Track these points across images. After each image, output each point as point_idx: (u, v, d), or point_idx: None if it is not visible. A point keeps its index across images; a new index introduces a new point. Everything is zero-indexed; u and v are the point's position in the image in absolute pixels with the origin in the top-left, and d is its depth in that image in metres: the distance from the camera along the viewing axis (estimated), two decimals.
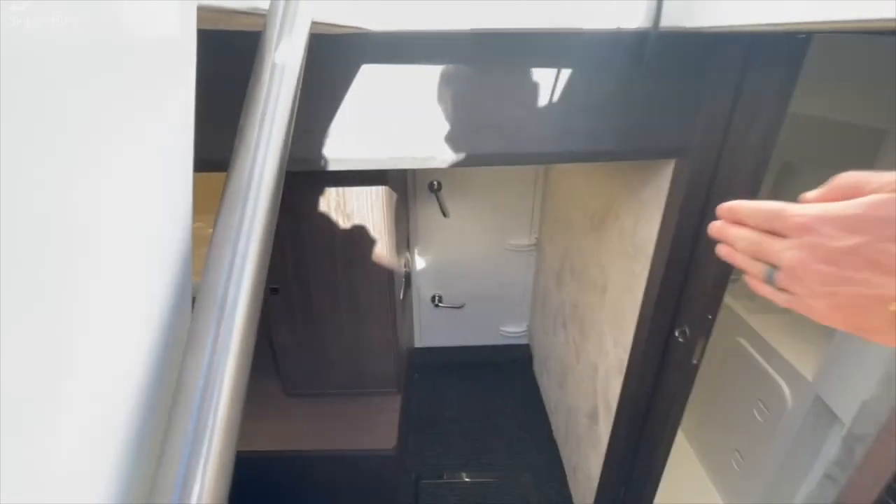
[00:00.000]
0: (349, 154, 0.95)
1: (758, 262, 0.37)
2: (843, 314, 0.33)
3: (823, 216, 0.32)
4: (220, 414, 0.29)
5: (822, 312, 0.34)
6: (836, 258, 0.31)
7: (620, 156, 1.03)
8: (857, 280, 0.31)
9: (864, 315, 0.32)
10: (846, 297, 0.32)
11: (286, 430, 1.60)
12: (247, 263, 0.33)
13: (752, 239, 0.37)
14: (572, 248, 1.86)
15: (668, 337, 1.23)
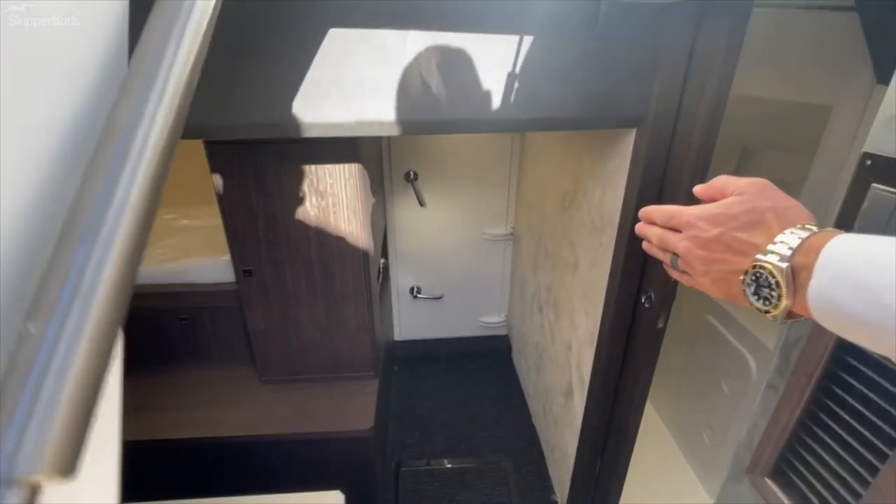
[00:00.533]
0: (316, 119, 0.96)
1: (667, 252, 0.48)
2: (717, 286, 0.43)
3: (699, 215, 0.43)
4: None
5: (707, 287, 0.44)
6: (707, 245, 0.42)
7: (584, 123, 1.07)
8: (720, 260, 0.41)
9: (729, 285, 0.42)
10: (717, 273, 0.42)
11: (261, 416, 1.58)
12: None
13: (659, 235, 0.47)
14: (546, 232, 1.90)
15: (635, 304, 1.27)
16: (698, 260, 0.42)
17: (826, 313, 0.34)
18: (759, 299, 0.38)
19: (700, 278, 0.44)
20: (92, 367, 0.26)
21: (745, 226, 0.39)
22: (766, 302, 0.37)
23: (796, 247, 0.35)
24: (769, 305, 0.37)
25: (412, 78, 0.96)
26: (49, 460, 0.23)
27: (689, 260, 0.44)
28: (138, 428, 1.51)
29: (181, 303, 1.66)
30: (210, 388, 1.70)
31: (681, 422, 2.06)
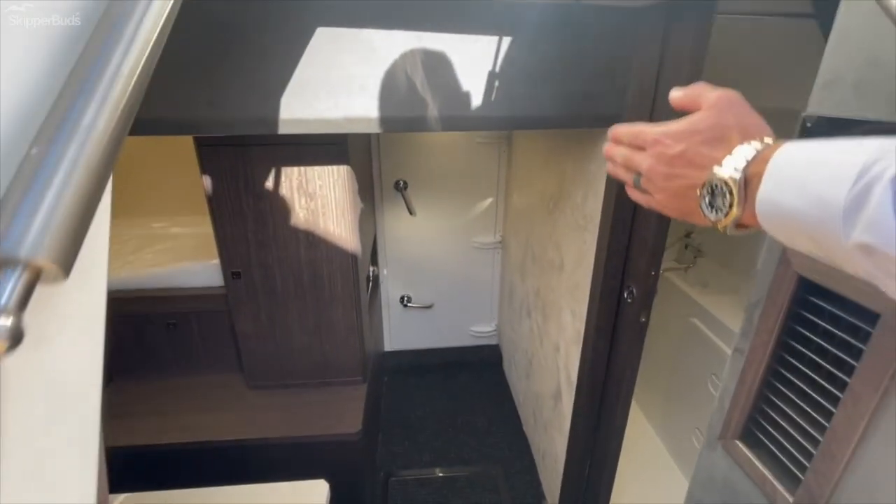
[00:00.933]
0: (305, 115, 1.00)
1: (630, 172, 0.49)
2: (674, 202, 0.45)
3: (665, 131, 0.43)
4: None
5: (663, 203, 0.46)
6: (671, 161, 0.43)
7: (561, 122, 1.11)
8: (681, 175, 0.42)
9: (684, 200, 0.43)
10: (675, 188, 0.43)
11: (248, 420, 1.56)
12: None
13: (625, 154, 0.48)
14: (533, 237, 1.94)
15: (618, 299, 1.29)
16: (660, 176, 0.44)
17: (771, 218, 0.35)
18: (712, 210, 0.40)
19: (658, 195, 0.45)
20: (89, 179, 0.29)
21: (709, 141, 0.40)
22: (717, 212, 0.39)
23: (751, 158, 0.37)
24: (720, 215, 0.39)
25: (398, 76, 1.00)
26: (51, 248, 0.26)
27: (651, 177, 0.45)
28: (122, 433, 1.48)
29: (168, 308, 1.65)
30: (196, 394, 1.68)
31: (669, 425, 2.06)
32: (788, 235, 0.35)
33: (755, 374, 0.56)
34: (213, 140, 1.32)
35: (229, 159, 1.35)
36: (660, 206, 0.47)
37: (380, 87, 1.00)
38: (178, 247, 1.85)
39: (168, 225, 2.13)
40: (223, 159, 1.35)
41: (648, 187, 0.46)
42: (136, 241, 1.94)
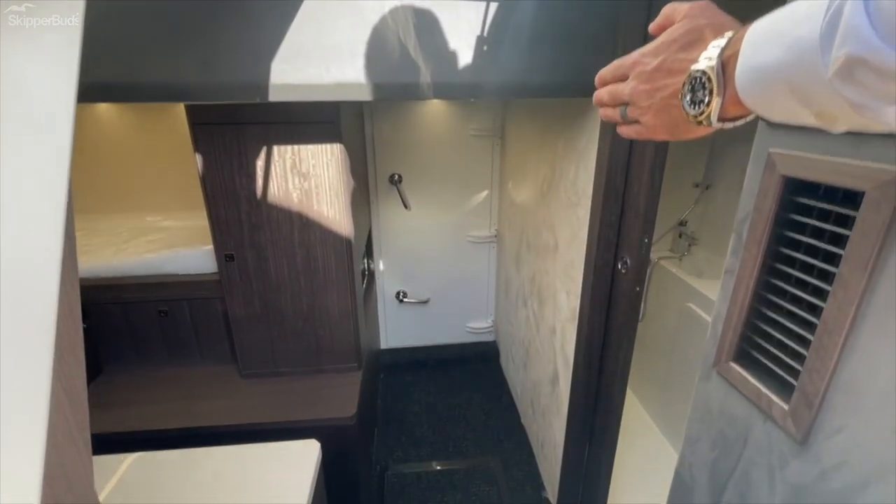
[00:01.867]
0: (296, 80, 1.01)
1: (618, 108, 0.49)
2: (661, 118, 0.44)
3: (643, 51, 0.45)
4: None
5: (651, 124, 0.45)
6: (651, 76, 0.43)
7: (551, 90, 1.13)
8: (662, 86, 0.43)
9: (670, 111, 0.43)
10: (659, 102, 0.43)
11: (240, 407, 1.54)
12: None
13: (610, 90, 0.49)
14: (528, 224, 1.94)
15: (612, 271, 1.29)
16: (643, 95, 0.44)
17: (751, 87, 0.34)
18: (693, 106, 0.40)
19: (645, 117, 0.45)
20: None
21: (685, 46, 0.41)
22: (698, 105, 0.39)
23: (724, 44, 0.37)
24: (702, 107, 0.38)
25: (390, 41, 1.01)
26: None
27: (636, 99, 0.45)
28: (108, 421, 1.45)
29: (160, 295, 1.64)
30: (188, 382, 1.65)
31: (668, 414, 2.04)
32: (770, 99, 0.34)
33: (746, 289, 0.56)
34: (207, 118, 1.33)
35: (223, 138, 1.36)
36: (650, 131, 0.47)
37: (372, 52, 1.01)
38: (171, 237, 1.85)
39: (162, 218, 2.13)
40: (216, 138, 1.35)
41: (635, 114, 0.46)
42: (130, 232, 1.93)
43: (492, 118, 2.28)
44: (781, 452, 0.52)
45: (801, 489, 0.50)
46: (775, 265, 0.53)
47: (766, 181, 0.52)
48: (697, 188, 2.24)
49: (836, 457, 0.45)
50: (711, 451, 0.64)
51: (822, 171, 0.46)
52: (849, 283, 0.43)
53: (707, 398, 0.65)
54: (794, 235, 0.51)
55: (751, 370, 0.57)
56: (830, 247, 0.46)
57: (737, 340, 0.58)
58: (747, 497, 0.57)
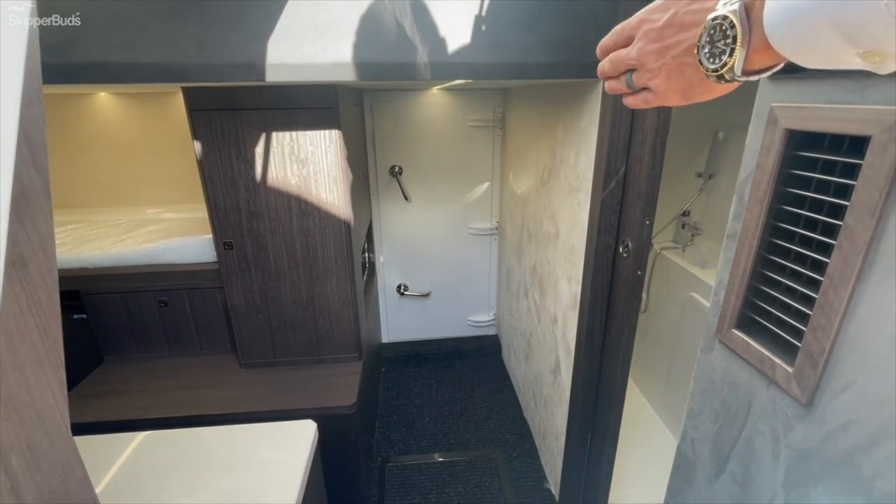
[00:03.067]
0: (293, 59, 1.00)
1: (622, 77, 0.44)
2: (673, 81, 0.40)
3: (650, 7, 0.40)
4: None
5: (662, 87, 0.41)
6: (661, 34, 0.39)
7: (551, 71, 1.11)
8: (674, 43, 0.38)
9: (684, 72, 0.39)
10: (671, 62, 0.39)
11: (241, 396, 1.53)
12: None
13: (612, 57, 0.44)
14: (529, 214, 1.93)
15: (614, 255, 1.27)
16: (652, 56, 0.40)
17: (787, 27, 0.31)
18: (712, 59, 0.35)
19: (655, 80, 0.41)
20: None
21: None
22: (719, 58, 0.35)
23: None
24: (725, 58, 0.34)
25: (386, 20, 1.00)
26: None
27: (644, 62, 0.40)
28: (108, 410, 1.45)
29: (159, 284, 1.63)
30: (188, 372, 1.64)
31: (671, 406, 2.01)
32: (807, 41, 0.30)
33: (749, 251, 0.54)
34: (205, 104, 1.33)
35: (220, 124, 1.35)
36: (660, 96, 0.42)
37: (368, 32, 1.00)
38: (170, 228, 1.84)
39: (161, 211, 2.13)
40: (214, 124, 1.35)
41: (642, 79, 0.42)
42: (130, 223, 1.93)
43: (492, 109, 2.27)
44: (786, 417, 0.50)
45: (806, 453, 0.48)
46: (778, 224, 0.52)
47: (769, 137, 0.50)
48: (700, 178, 2.22)
49: (843, 416, 0.44)
50: (714, 422, 0.63)
51: (826, 121, 0.44)
52: (855, 233, 0.41)
53: (709, 369, 0.63)
54: (797, 191, 0.49)
55: (754, 336, 0.55)
56: (835, 199, 0.45)
57: (739, 306, 0.57)
58: (750, 466, 0.56)
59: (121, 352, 1.70)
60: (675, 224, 2.32)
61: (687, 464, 0.70)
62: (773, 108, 0.49)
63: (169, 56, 0.97)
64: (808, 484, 0.48)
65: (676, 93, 0.41)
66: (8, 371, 0.26)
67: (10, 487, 0.26)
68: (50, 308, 0.30)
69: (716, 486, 0.62)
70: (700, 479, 0.66)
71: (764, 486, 0.54)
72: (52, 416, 0.29)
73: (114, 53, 0.95)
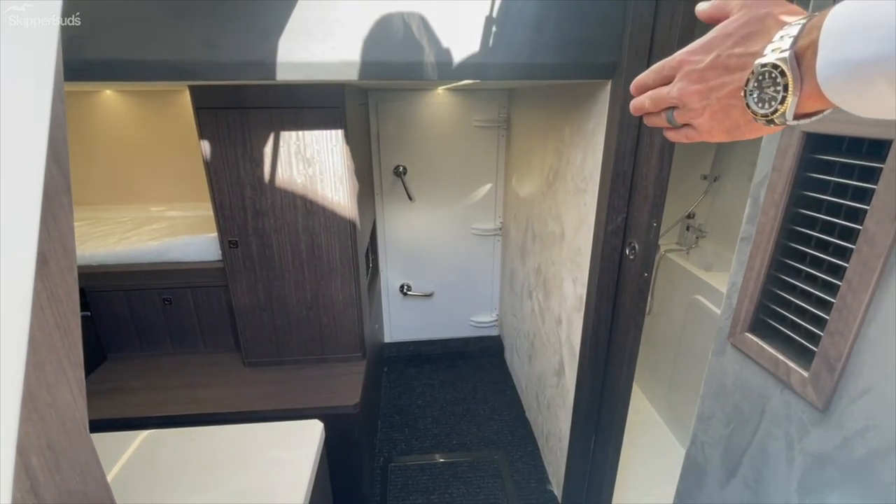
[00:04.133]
0: (301, 58, 0.99)
1: (663, 114, 0.44)
2: (717, 121, 0.40)
3: (691, 49, 0.40)
4: None
5: (707, 126, 0.41)
6: (703, 75, 0.39)
7: (559, 71, 1.11)
8: (718, 85, 0.38)
9: (729, 112, 0.39)
10: (716, 103, 0.39)
11: (245, 395, 1.53)
12: None
13: (652, 95, 0.44)
14: (533, 214, 1.93)
15: (620, 257, 1.27)
16: (695, 96, 0.40)
17: (838, 81, 0.30)
18: (762, 104, 0.35)
19: (699, 119, 0.41)
20: None
21: (743, 39, 0.37)
22: (769, 104, 0.34)
23: (797, 33, 0.32)
24: (775, 104, 0.34)
25: (394, 19, 1.00)
26: None
27: (686, 101, 0.40)
28: (112, 408, 1.45)
29: (164, 282, 1.63)
30: (192, 370, 1.64)
31: (675, 410, 2.01)
32: (862, 94, 0.30)
33: (763, 255, 0.54)
34: (212, 103, 1.32)
35: (227, 123, 1.35)
36: (704, 133, 0.42)
37: (376, 30, 1.00)
38: (174, 226, 1.84)
39: (166, 209, 2.13)
40: (221, 123, 1.35)
41: (685, 117, 0.42)
42: (134, 221, 1.93)
43: (496, 109, 2.26)
44: (801, 422, 0.50)
45: (821, 459, 0.48)
46: (794, 228, 0.51)
47: (786, 139, 0.50)
48: (705, 180, 2.21)
49: (861, 421, 0.44)
50: (726, 426, 0.62)
51: (845, 123, 0.44)
52: (875, 237, 0.41)
53: (721, 373, 0.63)
54: (814, 195, 0.49)
55: (768, 339, 0.55)
56: (854, 203, 0.45)
57: (753, 309, 0.56)
58: (763, 471, 0.55)
59: (124, 349, 1.70)
60: (679, 226, 2.32)
61: (697, 468, 0.70)
62: None
63: (177, 54, 0.97)
64: (823, 490, 0.47)
65: (721, 131, 0.41)
66: (29, 370, 0.26)
67: (29, 487, 0.26)
68: (70, 307, 0.30)
69: (727, 491, 0.62)
70: (711, 483, 0.65)
71: (777, 491, 0.53)
72: (71, 415, 0.29)
73: (122, 51, 0.95)
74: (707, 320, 1.80)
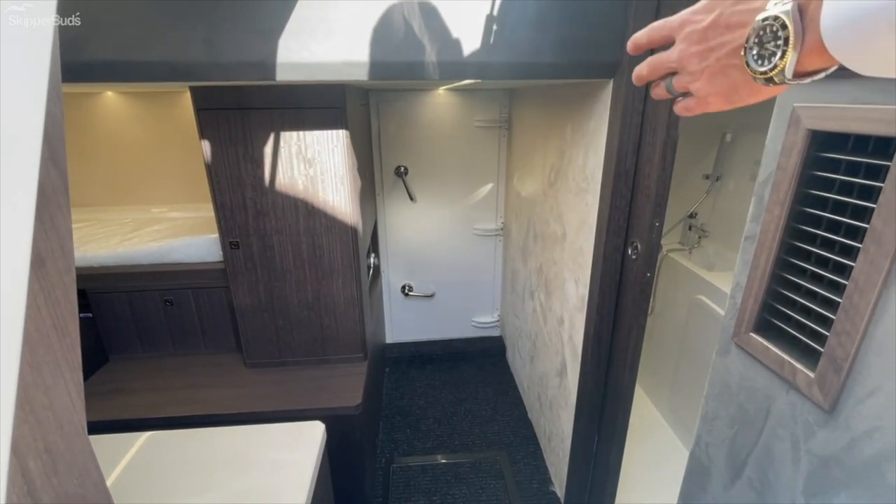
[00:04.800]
0: (302, 58, 0.99)
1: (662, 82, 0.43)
2: (715, 84, 0.39)
3: (692, 9, 0.39)
4: None
5: (704, 90, 0.39)
6: (704, 35, 0.38)
7: (560, 70, 1.11)
8: (718, 45, 0.37)
9: (728, 75, 0.37)
10: (714, 65, 0.38)
11: (246, 396, 1.52)
12: None
13: (650, 61, 0.43)
14: (535, 214, 1.92)
15: (622, 257, 1.26)
16: (695, 58, 0.38)
17: (845, 31, 0.29)
18: (761, 62, 0.34)
19: (697, 84, 0.39)
20: None
21: None
22: (769, 60, 0.33)
23: None
24: (775, 60, 0.33)
25: (395, 19, 1.00)
26: None
27: (685, 64, 0.39)
28: (113, 409, 1.45)
29: (165, 284, 1.63)
30: (193, 371, 1.64)
31: (678, 410, 2.00)
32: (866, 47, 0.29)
33: (768, 254, 0.53)
34: (212, 104, 1.32)
35: (228, 124, 1.35)
36: (701, 101, 0.40)
37: (377, 30, 1.00)
38: (175, 227, 1.84)
39: (167, 210, 2.13)
40: (222, 124, 1.35)
41: (683, 82, 0.40)
42: (135, 223, 1.93)
43: (498, 109, 2.26)
44: (807, 423, 0.49)
45: (828, 460, 0.47)
46: (799, 226, 0.51)
47: (791, 137, 0.50)
48: (707, 180, 2.21)
49: (868, 422, 0.43)
50: (730, 427, 0.62)
51: (851, 121, 0.43)
52: (882, 235, 0.41)
53: (725, 373, 0.62)
54: (820, 193, 0.48)
55: (773, 339, 0.54)
56: (860, 201, 0.44)
57: (758, 309, 0.56)
58: (769, 472, 0.55)
59: (126, 351, 1.70)
60: (681, 226, 2.31)
61: (701, 469, 0.69)
62: (796, 109, 0.49)
63: (178, 55, 0.96)
64: (829, 491, 0.47)
65: (719, 96, 0.39)
66: (25, 372, 0.26)
67: (26, 491, 0.26)
68: (67, 308, 0.30)
69: (731, 492, 0.62)
70: (715, 484, 0.65)
71: (783, 492, 0.53)
72: (69, 418, 0.29)
73: (123, 52, 0.95)
74: (710, 321, 1.79)
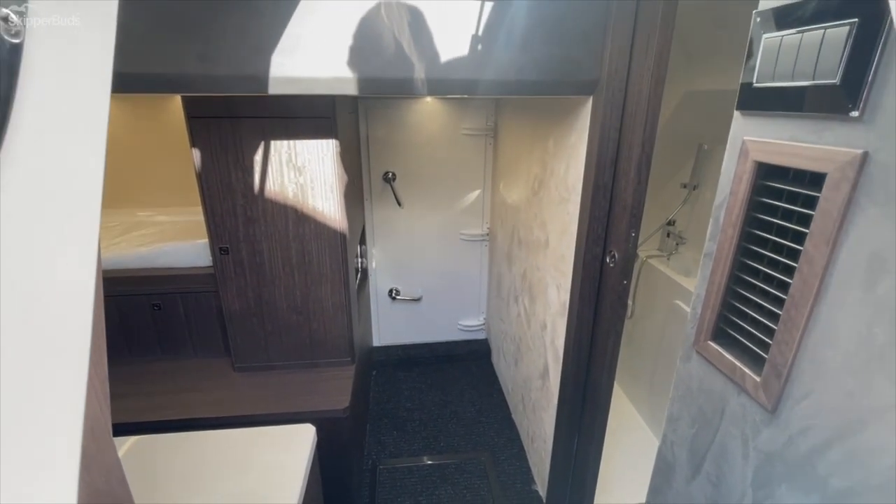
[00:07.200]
0: (294, 73, 1.03)
1: None
2: None
3: None
4: None
5: None
6: None
7: (543, 87, 1.16)
8: None
9: None
10: None
11: (234, 399, 1.54)
12: None
13: None
14: (520, 221, 1.98)
15: (601, 264, 1.32)
16: None
17: None
18: None
19: None
20: None
21: None
22: None
23: None
24: None
25: (385, 37, 1.04)
26: None
27: None
28: None
29: (153, 288, 1.64)
30: (181, 376, 1.65)
31: (656, 410, 2.07)
32: None
33: (723, 270, 0.59)
34: (204, 112, 1.35)
35: (219, 132, 1.37)
36: None
37: (367, 48, 1.04)
38: (164, 231, 1.85)
39: (154, 213, 2.13)
40: (213, 132, 1.37)
41: None
42: (123, 227, 1.93)
43: (484, 118, 2.32)
44: (754, 422, 0.55)
45: (771, 455, 0.53)
46: (749, 246, 0.57)
47: (741, 167, 0.55)
48: (685, 188, 2.29)
49: (802, 422, 0.49)
50: (691, 427, 0.68)
51: (789, 156, 0.49)
52: (813, 258, 0.46)
53: (687, 377, 0.68)
54: (765, 217, 0.54)
55: (727, 347, 0.60)
56: (798, 227, 0.50)
57: (714, 320, 0.61)
58: (724, 467, 0.61)
59: (113, 355, 1.70)
60: (660, 233, 2.39)
61: (666, 465, 0.75)
62: (745, 142, 0.55)
63: (173, 68, 0.99)
64: (772, 483, 0.53)
65: None
66: None
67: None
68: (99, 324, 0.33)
69: (692, 487, 0.67)
70: (678, 479, 0.71)
71: (735, 485, 0.59)
72: (99, 425, 0.32)
73: (120, 65, 0.97)
74: (686, 325, 1.87)
